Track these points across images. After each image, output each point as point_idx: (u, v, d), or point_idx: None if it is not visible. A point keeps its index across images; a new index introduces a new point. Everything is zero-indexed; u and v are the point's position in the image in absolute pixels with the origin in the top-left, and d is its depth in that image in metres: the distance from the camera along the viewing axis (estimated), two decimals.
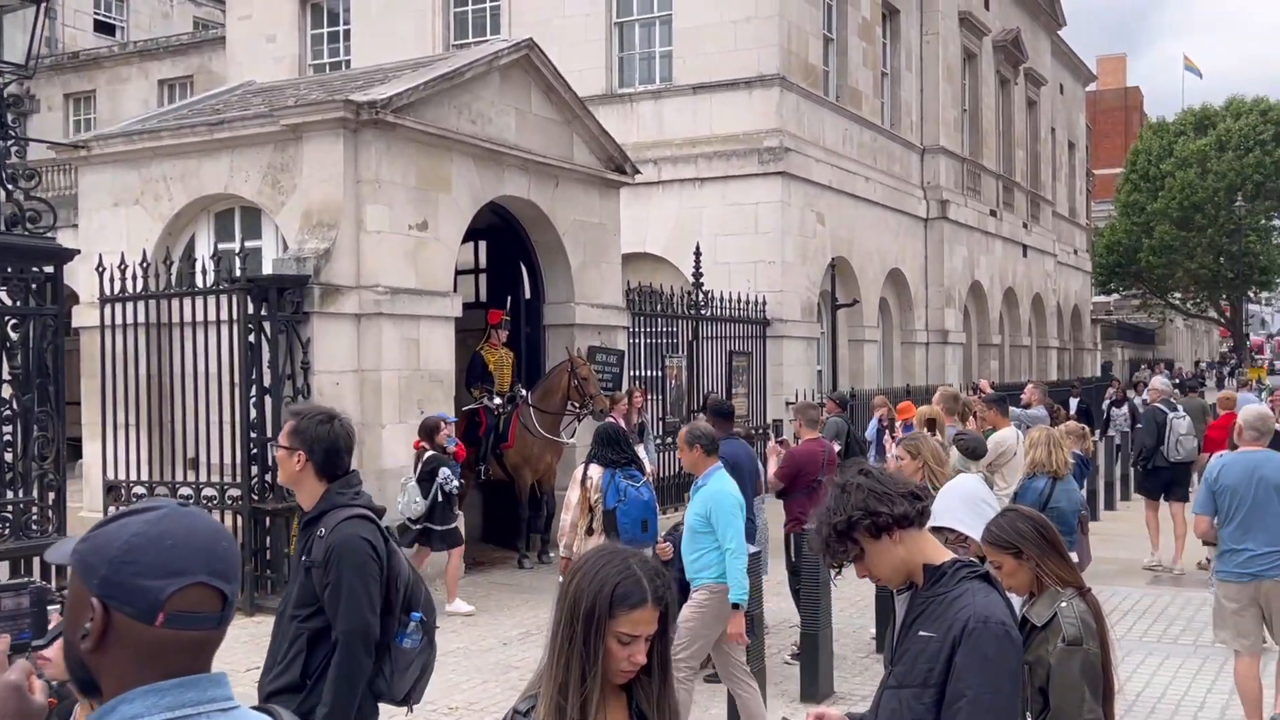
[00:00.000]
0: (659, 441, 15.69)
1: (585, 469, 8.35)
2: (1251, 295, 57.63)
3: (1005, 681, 2.86)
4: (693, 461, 6.89)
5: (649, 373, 16.64)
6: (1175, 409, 13.45)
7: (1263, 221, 53.40)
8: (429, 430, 11.02)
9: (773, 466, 9.25)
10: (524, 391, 13.51)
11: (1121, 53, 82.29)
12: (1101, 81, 70.16)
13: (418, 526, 10.74)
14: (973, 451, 8.74)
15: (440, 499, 10.66)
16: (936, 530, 3.60)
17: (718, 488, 6.67)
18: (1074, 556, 7.54)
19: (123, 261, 11.90)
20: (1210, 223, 51.05)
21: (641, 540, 7.75)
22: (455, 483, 10.71)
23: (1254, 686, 6.87)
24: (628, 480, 8.05)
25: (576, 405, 13.18)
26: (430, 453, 10.81)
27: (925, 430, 9.31)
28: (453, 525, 10.90)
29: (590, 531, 8.15)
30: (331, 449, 3.94)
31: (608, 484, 8.05)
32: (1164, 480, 13.16)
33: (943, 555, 3.06)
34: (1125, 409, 21.29)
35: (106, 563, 1.66)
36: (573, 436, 13.58)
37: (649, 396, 16.14)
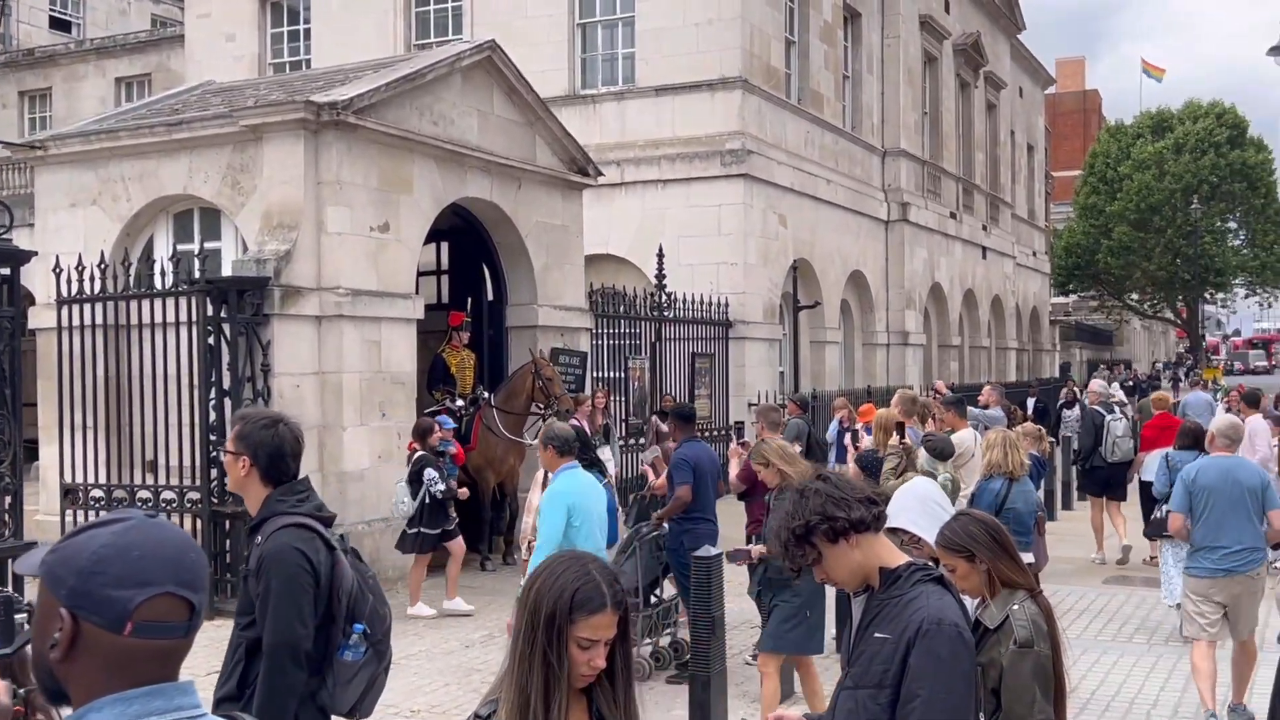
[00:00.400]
0: (622, 443, 15.77)
1: (546, 472, 8.38)
2: (1208, 297, 58.38)
3: (958, 682, 2.92)
4: (547, 461, 7.17)
5: (612, 374, 16.67)
6: (1113, 411, 14.11)
7: (1218, 224, 54.11)
8: (422, 432, 11.08)
9: (734, 469, 9.29)
10: (485, 394, 13.50)
11: (1080, 56, 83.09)
12: (1060, 84, 70.80)
13: (413, 531, 10.71)
14: (940, 452, 8.84)
15: (428, 501, 10.64)
16: (890, 532, 3.66)
17: (552, 489, 6.94)
18: (1030, 557, 7.68)
19: (80, 263, 11.79)
20: (1167, 224, 51.69)
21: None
22: (440, 485, 10.68)
23: (1209, 667, 7.32)
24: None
25: (541, 406, 13.18)
26: (420, 453, 10.82)
27: (895, 435, 9.36)
28: (439, 530, 10.85)
29: None
30: (276, 453, 3.86)
31: None
32: (1102, 479, 13.74)
33: (898, 558, 3.12)
34: (1076, 410, 21.52)
35: (75, 573, 1.68)
36: (536, 438, 13.57)
37: (612, 398, 16.18)
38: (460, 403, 13.31)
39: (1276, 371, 78.57)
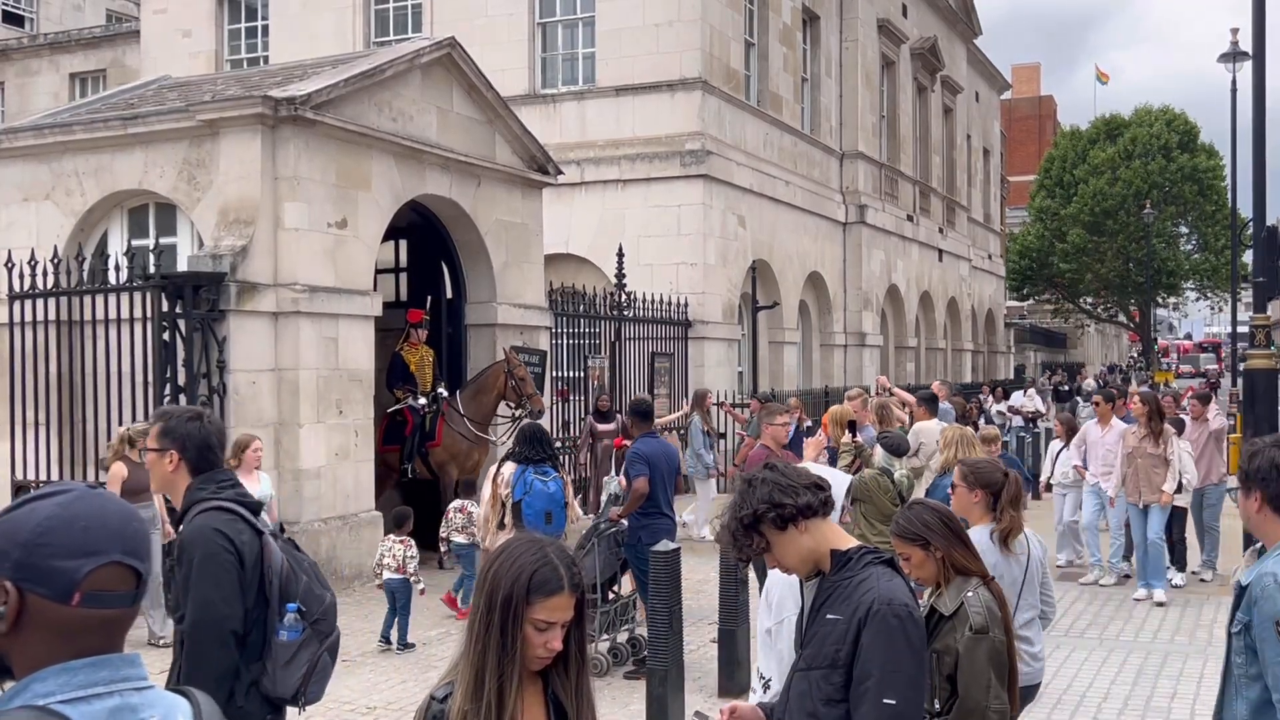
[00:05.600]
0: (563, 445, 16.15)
1: (499, 466, 8.46)
2: (1159, 300, 59.13)
3: (909, 661, 2.96)
4: None
5: (571, 373, 16.68)
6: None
7: (1170, 228, 54.81)
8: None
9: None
10: (444, 392, 13.47)
11: (1036, 62, 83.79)
12: (1016, 90, 71.54)
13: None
14: (896, 449, 8.90)
15: None
16: None
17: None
18: None
19: (33, 257, 11.67)
20: (1120, 229, 52.34)
21: (546, 532, 7.84)
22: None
23: None
24: (537, 475, 8.27)
25: (513, 405, 13.18)
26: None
27: (847, 434, 9.44)
28: None
29: (502, 525, 8.24)
30: (204, 445, 3.84)
31: (517, 479, 8.20)
32: None
33: (848, 542, 3.16)
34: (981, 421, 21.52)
35: (19, 546, 1.67)
36: (504, 436, 13.61)
37: (572, 397, 16.24)
38: (423, 401, 13.28)
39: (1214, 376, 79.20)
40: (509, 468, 8.20)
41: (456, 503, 10.97)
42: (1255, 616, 3.40)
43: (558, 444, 15.87)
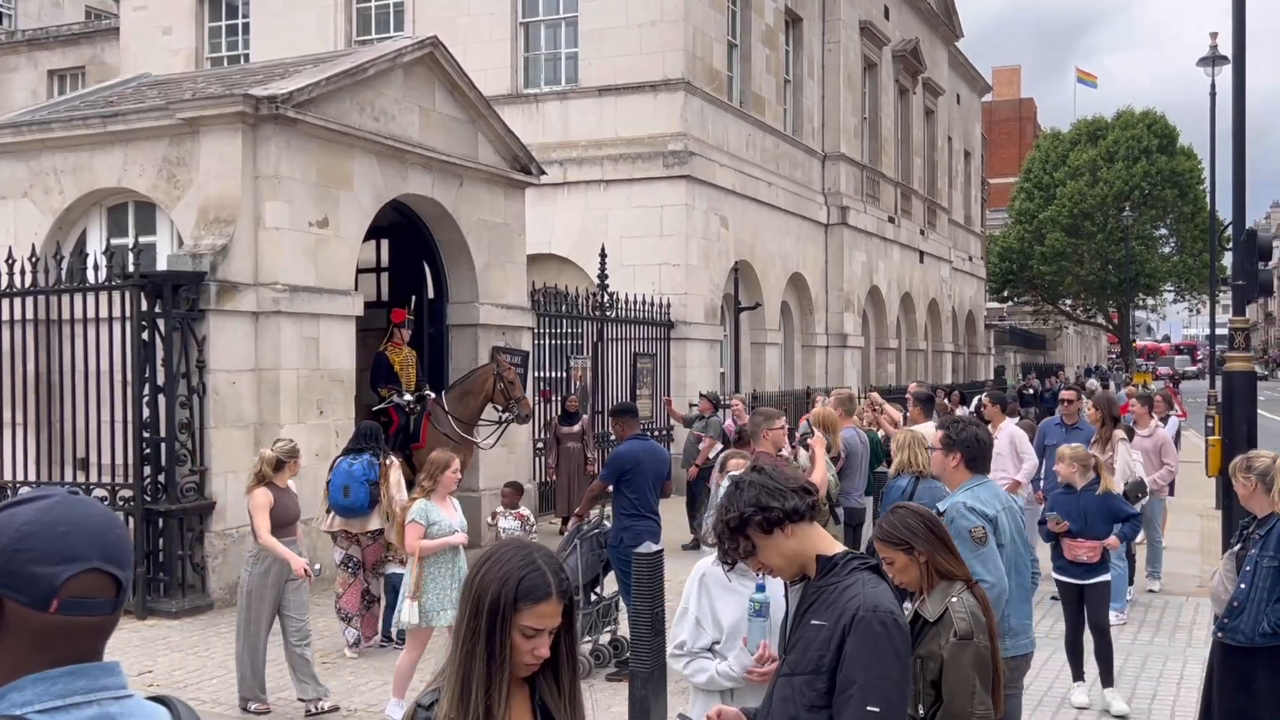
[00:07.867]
0: (541, 444, 16.18)
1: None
2: (1138, 302, 59.43)
3: (893, 668, 2.95)
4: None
5: (554, 374, 16.66)
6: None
7: (1149, 230, 55.14)
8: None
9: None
10: (429, 392, 13.42)
11: (1016, 65, 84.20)
12: (997, 92, 71.80)
13: None
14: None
15: None
16: None
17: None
18: None
19: (10, 256, 11.56)
20: (1099, 230, 52.62)
21: (341, 504, 9.29)
22: None
23: None
24: (353, 460, 9.30)
25: (500, 408, 13.13)
26: None
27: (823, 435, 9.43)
28: None
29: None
30: None
31: (334, 463, 9.37)
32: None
33: (834, 547, 3.15)
34: None
35: None
36: (497, 441, 13.56)
37: (554, 397, 16.20)
38: (409, 398, 13.22)
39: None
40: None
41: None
42: (954, 531, 4.53)
43: (539, 444, 15.98)
